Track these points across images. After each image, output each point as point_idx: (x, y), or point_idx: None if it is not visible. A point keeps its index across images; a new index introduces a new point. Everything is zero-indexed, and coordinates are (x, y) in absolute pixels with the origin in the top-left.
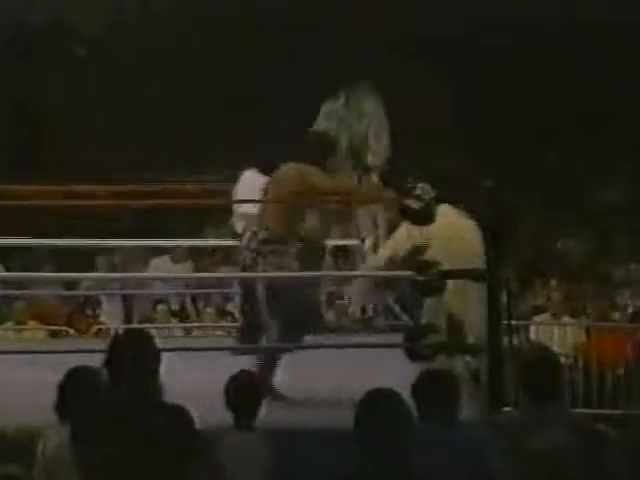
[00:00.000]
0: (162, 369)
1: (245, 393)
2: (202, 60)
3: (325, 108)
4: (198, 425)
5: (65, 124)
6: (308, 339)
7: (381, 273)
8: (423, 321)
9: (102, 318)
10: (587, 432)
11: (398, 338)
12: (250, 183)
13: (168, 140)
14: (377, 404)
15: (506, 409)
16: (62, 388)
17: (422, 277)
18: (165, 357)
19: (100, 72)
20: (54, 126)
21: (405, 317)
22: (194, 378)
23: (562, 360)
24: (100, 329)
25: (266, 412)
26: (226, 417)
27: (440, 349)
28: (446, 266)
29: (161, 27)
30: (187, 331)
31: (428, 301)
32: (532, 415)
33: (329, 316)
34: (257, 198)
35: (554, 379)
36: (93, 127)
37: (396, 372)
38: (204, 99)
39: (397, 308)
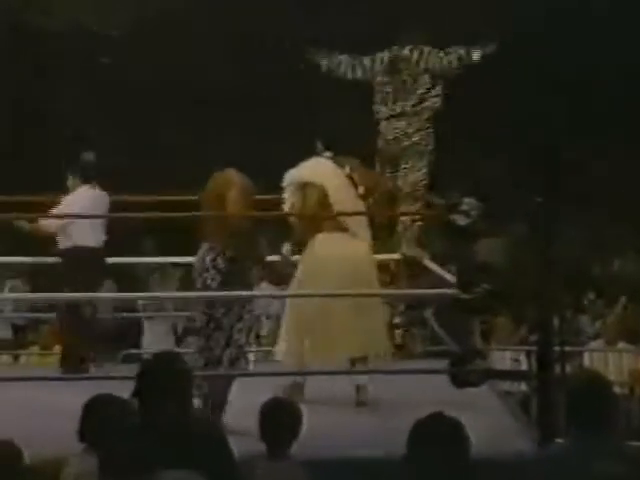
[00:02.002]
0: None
1: (278, 421)
2: None
3: None
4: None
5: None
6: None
7: (422, 291)
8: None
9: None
10: None
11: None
12: None
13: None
14: (430, 429)
15: (558, 440)
16: (84, 416)
17: (467, 296)
18: None
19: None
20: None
21: (448, 340)
22: None
23: (617, 389)
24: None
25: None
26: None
27: (488, 375)
28: None
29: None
30: None
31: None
32: (584, 447)
33: None
34: None
35: (607, 409)
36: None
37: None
38: None
39: (438, 329)
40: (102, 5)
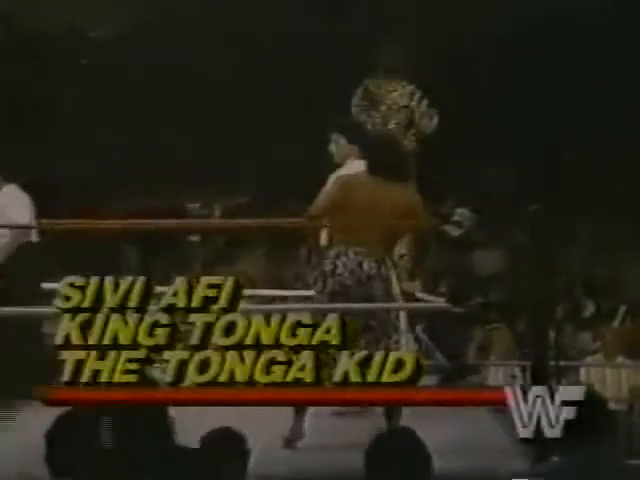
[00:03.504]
0: None
1: (227, 453)
2: None
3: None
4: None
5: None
6: None
7: (412, 305)
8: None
9: None
10: None
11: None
12: None
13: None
14: (389, 445)
15: (553, 458)
16: (50, 438)
17: (459, 309)
18: None
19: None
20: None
21: (440, 356)
22: None
23: (615, 405)
24: None
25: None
26: None
27: None
28: None
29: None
30: None
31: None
32: (580, 465)
33: None
34: None
35: (603, 426)
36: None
37: None
38: None
39: (431, 345)
40: (101, 6)
